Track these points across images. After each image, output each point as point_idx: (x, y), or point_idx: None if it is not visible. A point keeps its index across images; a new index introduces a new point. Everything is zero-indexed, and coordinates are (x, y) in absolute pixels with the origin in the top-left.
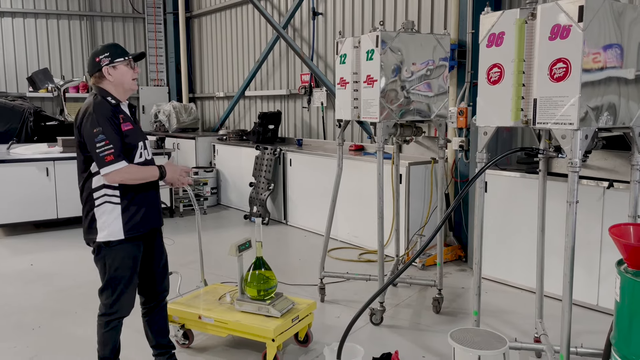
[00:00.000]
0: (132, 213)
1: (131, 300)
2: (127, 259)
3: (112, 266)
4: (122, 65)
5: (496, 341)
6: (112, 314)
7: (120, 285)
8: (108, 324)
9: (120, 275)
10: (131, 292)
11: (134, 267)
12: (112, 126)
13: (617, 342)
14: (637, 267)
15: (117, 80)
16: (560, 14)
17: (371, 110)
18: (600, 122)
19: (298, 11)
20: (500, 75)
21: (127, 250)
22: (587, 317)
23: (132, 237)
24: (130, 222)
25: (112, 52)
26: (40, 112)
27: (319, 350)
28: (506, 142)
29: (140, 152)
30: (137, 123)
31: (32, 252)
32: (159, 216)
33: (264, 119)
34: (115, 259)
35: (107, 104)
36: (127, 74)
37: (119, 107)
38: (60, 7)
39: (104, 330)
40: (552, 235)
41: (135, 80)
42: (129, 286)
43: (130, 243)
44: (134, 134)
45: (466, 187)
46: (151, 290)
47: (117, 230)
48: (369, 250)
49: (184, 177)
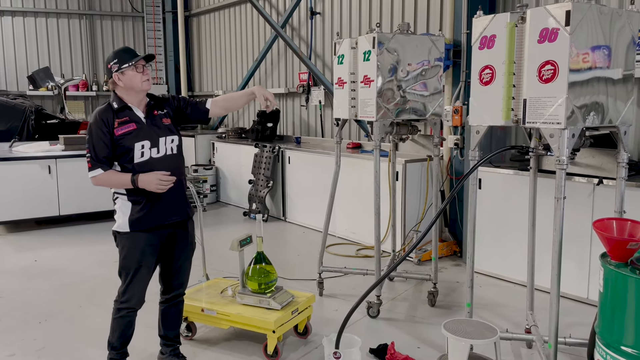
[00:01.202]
0: (139, 208)
1: (140, 292)
2: (134, 250)
3: (121, 254)
4: (129, 71)
5: (488, 331)
6: (122, 302)
7: (129, 274)
8: (119, 311)
9: (127, 264)
10: (139, 283)
11: (142, 260)
12: (100, 133)
13: (601, 330)
14: (620, 259)
15: (127, 85)
16: (549, 18)
17: (368, 109)
18: (587, 122)
19: (296, 11)
20: (491, 77)
21: (134, 242)
22: (578, 309)
23: (138, 230)
24: (134, 216)
25: (120, 59)
26: (41, 110)
27: (317, 342)
28: (500, 140)
29: (142, 152)
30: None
31: (36, 249)
32: (172, 212)
33: (263, 117)
34: (124, 248)
35: (106, 111)
36: (135, 77)
37: (124, 111)
38: (60, 6)
39: (114, 316)
40: (543, 231)
41: (146, 82)
42: (136, 277)
43: (139, 235)
44: (132, 136)
45: (460, 183)
46: (167, 282)
47: (124, 222)
48: (367, 246)
49: (162, 183)
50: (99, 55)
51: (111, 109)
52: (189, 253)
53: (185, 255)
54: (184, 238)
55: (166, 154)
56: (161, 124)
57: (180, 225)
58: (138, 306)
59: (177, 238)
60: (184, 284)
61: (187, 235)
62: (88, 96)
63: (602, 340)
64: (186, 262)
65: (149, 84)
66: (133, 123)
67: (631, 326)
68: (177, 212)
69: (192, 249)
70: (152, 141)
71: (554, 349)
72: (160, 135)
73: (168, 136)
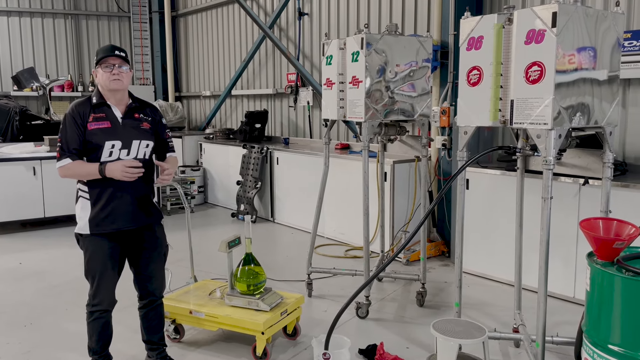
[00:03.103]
0: (97, 210)
1: (109, 294)
2: (98, 252)
3: (85, 257)
4: (99, 69)
5: (476, 331)
6: (93, 305)
7: (95, 277)
8: (91, 314)
9: (92, 267)
10: (107, 284)
11: (106, 262)
12: (73, 125)
13: (588, 329)
14: (606, 258)
15: (100, 83)
16: (536, 19)
17: (357, 110)
18: (574, 122)
19: (284, 11)
20: (479, 78)
21: (96, 244)
22: (564, 308)
23: (99, 233)
24: (95, 219)
25: (97, 57)
26: (25, 111)
27: (307, 343)
28: (487, 141)
29: (111, 152)
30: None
31: (21, 251)
32: (132, 218)
33: (251, 118)
34: (87, 251)
35: (84, 104)
36: (104, 76)
37: (101, 107)
38: (45, 5)
39: (88, 321)
40: (530, 230)
41: (115, 81)
42: (103, 279)
43: (100, 238)
44: (105, 133)
45: (448, 184)
46: (142, 288)
47: (84, 224)
48: (355, 247)
49: (129, 171)
50: (84, 56)
51: (89, 102)
52: (160, 257)
53: (155, 260)
54: (152, 243)
55: (137, 157)
56: (139, 127)
57: (146, 230)
58: (110, 307)
59: (144, 244)
60: (158, 289)
61: (156, 240)
62: (73, 97)
63: (589, 338)
64: (157, 266)
65: (118, 84)
66: (108, 121)
67: (617, 324)
68: (138, 218)
69: (163, 253)
70: (124, 142)
71: (541, 348)
72: (134, 137)
73: (143, 140)
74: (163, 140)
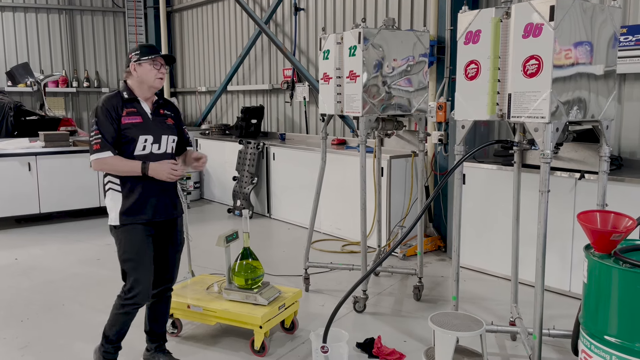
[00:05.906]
0: (130, 202)
1: (147, 286)
2: (130, 242)
3: (120, 249)
4: (146, 64)
5: (473, 324)
6: (128, 298)
7: (133, 268)
8: (122, 307)
9: (127, 258)
10: (145, 275)
11: (139, 252)
12: (109, 118)
13: (585, 321)
14: (603, 250)
15: (141, 77)
16: (533, 13)
17: (354, 104)
18: (571, 116)
19: (280, 6)
20: (477, 71)
21: (129, 235)
22: (560, 302)
23: (130, 224)
24: (126, 211)
25: (142, 51)
26: (20, 106)
27: (304, 337)
28: (484, 135)
29: (144, 145)
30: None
31: (16, 247)
32: (162, 210)
33: (247, 114)
34: (121, 242)
35: (116, 98)
36: (151, 72)
37: (132, 102)
38: (39, 0)
39: (116, 312)
40: (527, 224)
41: (159, 80)
42: (139, 270)
43: (132, 228)
44: (138, 128)
45: (445, 178)
46: (158, 276)
47: (116, 216)
48: (352, 242)
49: (174, 171)
50: (79, 51)
51: (120, 97)
52: (180, 247)
53: (177, 250)
54: (175, 233)
55: (166, 151)
56: (165, 123)
57: (172, 221)
58: (144, 302)
59: (169, 233)
60: (173, 279)
61: (179, 232)
62: (68, 92)
63: (586, 330)
64: (177, 256)
65: (161, 83)
66: (139, 116)
67: (614, 316)
68: (169, 209)
69: (183, 244)
70: (155, 137)
71: (538, 341)
72: (163, 132)
73: (170, 135)
74: (183, 136)
